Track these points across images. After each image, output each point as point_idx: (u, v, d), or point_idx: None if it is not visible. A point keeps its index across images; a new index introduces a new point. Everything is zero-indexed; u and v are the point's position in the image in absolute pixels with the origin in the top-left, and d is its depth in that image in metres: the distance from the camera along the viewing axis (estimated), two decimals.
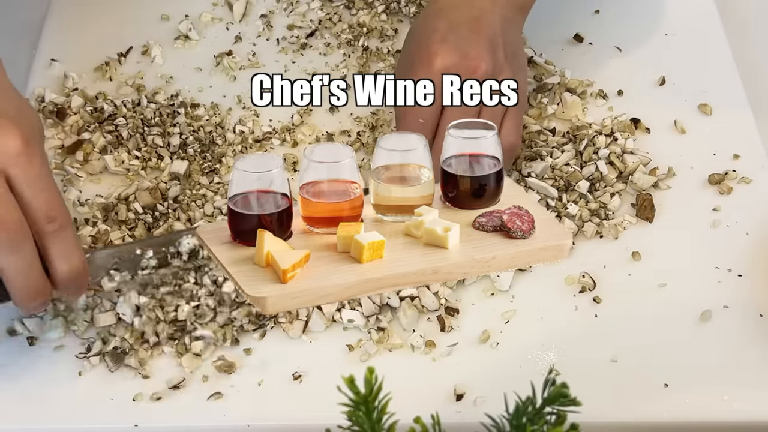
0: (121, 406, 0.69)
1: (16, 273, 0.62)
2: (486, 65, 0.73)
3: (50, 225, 0.63)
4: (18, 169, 0.62)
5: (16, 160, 0.62)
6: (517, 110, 0.76)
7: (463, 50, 0.74)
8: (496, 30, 0.77)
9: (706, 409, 0.69)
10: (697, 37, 0.94)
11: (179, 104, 0.88)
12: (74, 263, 0.65)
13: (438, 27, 0.76)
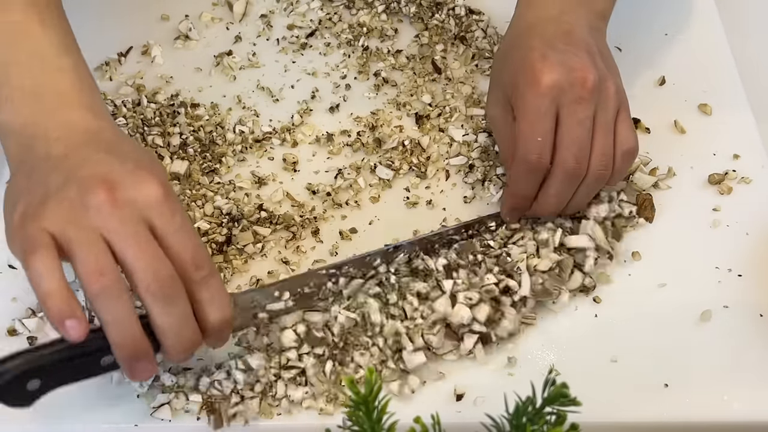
0: (121, 406, 0.69)
1: (170, 326, 0.61)
2: (593, 75, 0.71)
3: (198, 273, 0.62)
4: (162, 219, 0.61)
5: (159, 210, 0.61)
6: (626, 113, 0.75)
7: (567, 64, 0.72)
8: (588, 41, 0.75)
9: (706, 409, 0.69)
10: (697, 37, 0.94)
11: (179, 104, 0.88)
12: (224, 310, 0.63)
13: (534, 45, 0.74)
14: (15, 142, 0.66)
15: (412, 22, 0.96)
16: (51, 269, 0.59)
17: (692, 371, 0.71)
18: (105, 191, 0.60)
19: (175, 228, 0.61)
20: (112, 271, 0.59)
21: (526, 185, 0.74)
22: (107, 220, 0.60)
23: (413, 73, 0.91)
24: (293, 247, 0.78)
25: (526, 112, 0.72)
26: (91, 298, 0.59)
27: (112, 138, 0.66)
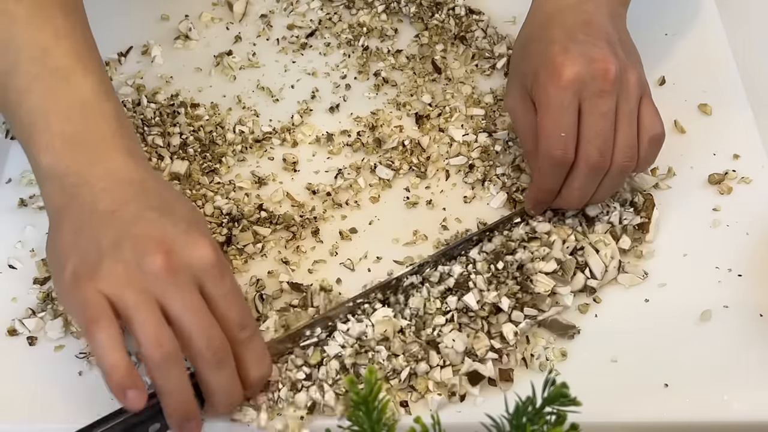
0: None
1: (219, 387, 0.63)
2: (614, 65, 0.71)
3: (243, 333, 0.64)
4: (213, 282, 0.62)
5: (211, 273, 0.62)
6: (649, 100, 0.75)
7: (588, 56, 0.72)
8: (608, 29, 0.75)
9: (706, 409, 0.69)
10: (697, 37, 0.94)
11: (179, 104, 0.88)
12: (265, 368, 0.66)
13: (554, 37, 0.74)
14: (57, 188, 0.65)
15: (412, 22, 0.96)
16: (114, 341, 0.60)
17: (692, 371, 0.71)
18: (162, 255, 0.61)
19: (224, 291, 0.63)
20: (171, 340, 0.61)
21: (550, 180, 0.74)
22: (165, 285, 0.61)
23: (413, 73, 0.91)
24: (293, 247, 0.78)
25: (548, 107, 0.72)
26: (151, 367, 0.60)
27: (157, 189, 0.66)
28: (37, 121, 0.66)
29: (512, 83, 0.78)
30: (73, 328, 0.72)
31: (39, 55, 0.68)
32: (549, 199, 0.75)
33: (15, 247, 0.78)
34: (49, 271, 0.74)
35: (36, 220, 0.79)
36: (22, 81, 0.67)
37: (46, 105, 0.67)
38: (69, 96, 0.67)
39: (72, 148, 0.66)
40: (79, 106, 0.67)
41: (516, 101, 0.77)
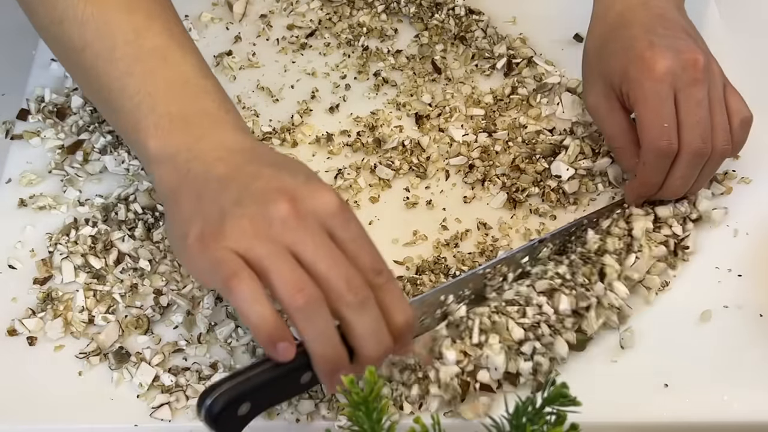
0: (121, 406, 0.69)
1: (367, 332, 0.60)
2: (701, 56, 0.74)
3: (379, 278, 0.61)
4: (341, 228, 0.61)
5: (337, 218, 0.61)
6: (731, 86, 0.77)
7: (674, 48, 0.74)
8: (682, 22, 0.77)
9: (706, 409, 0.69)
10: None
11: None
12: (407, 312, 0.63)
13: (635, 34, 0.75)
14: (170, 168, 0.65)
15: (412, 22, 0.96)
16: (257, 293, 0.58)
17: (692, 371, 0.71)
18: (286, 202, 0.60)
19: (353, 235, 0.62)
20: (311, 284, 0.59)
21: (655, 171, 0.75)
22: (294, 232, 0.60)
23: (413, 73, 0.91)
24: None
25: (646, 100, 0.73)
26: (293, 313, 0.59)
27: (269, 153, 0.66)
28: (141, 104, 0.66)
29: (592, 84, 0.80)
30: (73, 328, 0.72)
31: (133, 37, 0.68)
32: (652, 191, 0.77)
33: (15, 247, 0.78)
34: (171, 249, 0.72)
35: (36, 220, 0.79)
36: (121, 65, 0.67)
37: (148, 87, 0.67)
38: (170, 75, 0.68)
39: (180, 127, 0.66)
40: (181, 84, 0.67)
41: (599, 100, 0.78)
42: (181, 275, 0.76)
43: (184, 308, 0.74)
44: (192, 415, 0.68)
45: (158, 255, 0.77)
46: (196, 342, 0.72)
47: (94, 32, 0.68)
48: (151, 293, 0.75)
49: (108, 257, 0.76)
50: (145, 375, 0.70)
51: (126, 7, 0.69)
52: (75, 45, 0.69)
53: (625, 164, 0.79)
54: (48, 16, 0.70)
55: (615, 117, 0.77)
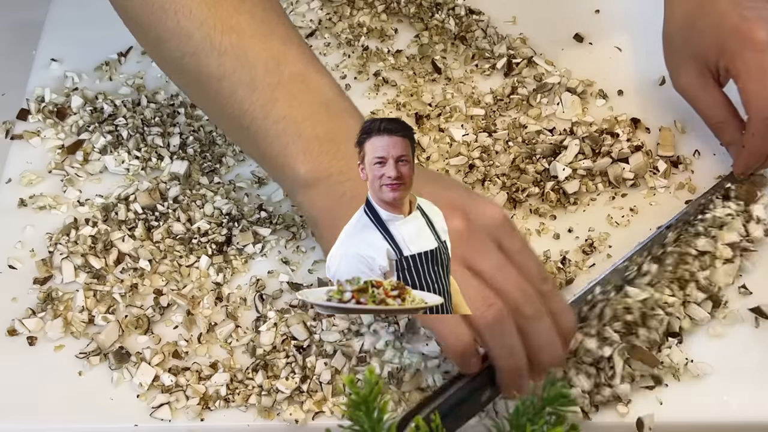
0: (121, 406, 0.69)
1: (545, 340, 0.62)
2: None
3: (545, 285, 0.63)
4: (509, 239, 0.63)
5: (505, 230, 0.63)
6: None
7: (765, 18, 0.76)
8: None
9: (706, 409, 0.69)
10: None
11: (179, 104, 0.88)
12: (571, 318, 0.65)
13: (724, 10, 0.77)
14: (321, 191, 0.66)
15: (412, 22, 0.96)
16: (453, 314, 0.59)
17: (692, 371, 0.71)
18: (460, 219, 0.62)
19: (520, 246, 0.64)
20: (497, 300, 0.60)
21: (766, 140, 0.76)
22: (470, 248, 0.61)
23: (413, 73, 0.91)
24: (293, 247, 0.78)
25: (750, 72, 0.75)
26: (484, 328, 0.60)
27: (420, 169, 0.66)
28: (287, 130, 0.67)
29: (682, 65, 0.81)
30: (73, 328, 0.72)
31: (274, 64, 0.69)
32: (760, 161, 0.78)
33: (15, 247, 0.78)
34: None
35: (36, 220, 0.79)
36: (263, 93, 0.68)
37: (293, 112, 0.67)
38: (312, 99, 0.68)
39: (329, 149, 0.66)
40: (324, 106, 0.68)
41: (692, 79, 0.80)
42: (181, 275, 0.76)
43: (184, 308, 0.74)
44: (192, 415, 0.68)
45: (158, 255, 0.77)
46: (196, 342, 0.72)
47: (234, 61, 0.68)
48: (151, 293, 0.75)
49: (108, 257, 0.76)
50: (145, 375, 0.70)
51: (262, 35, 0.69)
52: (212, 74, 0.69)
53: (727, 138, 0.81)
54: (180, 48, 0.70)
55: (711, 93, 0.80)
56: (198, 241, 0.77)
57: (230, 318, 0.73)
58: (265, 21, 0.70)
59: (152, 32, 0.71)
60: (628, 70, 0.93)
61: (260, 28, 0.70)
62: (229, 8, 0.69)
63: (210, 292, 0.75)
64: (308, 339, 0.71)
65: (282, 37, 0.70)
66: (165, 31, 0.70)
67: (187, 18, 0.69)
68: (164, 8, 0.70)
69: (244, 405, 0.69)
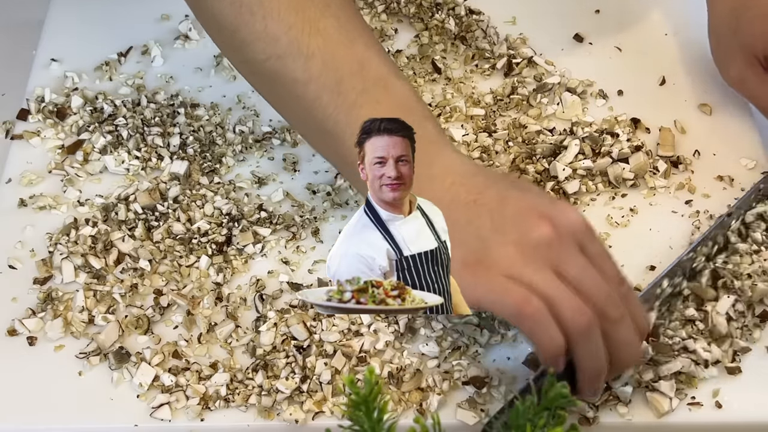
0: (121, 406, 0.69)
1: (627, 341, 0.64)
2: None
3: (622, 288, 0.65)
4: (591, 243, 0.65)
5: (587, 234, 0.65)
6: None
7: None
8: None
9: (706, 409, 0.69)
10: (697, 37, 0.94)
11: (179, 104, 0.88)
12: (646, 320, 0.67)
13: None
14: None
15: (411, 22, 0.96)
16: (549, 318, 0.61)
17: (692, 371, 0.71)
18: (547, 226, 0.63)
19: (600, 250, 0.65)
20: (587, 308, 0.62)
21: None
22: (558, 254, 0.63)
23: (413, 73, 0.91)
24: (293, 247, 0.78)
25: None
26: (576, 335, 0.61)
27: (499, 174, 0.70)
28: None
29: (732, 58, 0.83)
30: (73, 328, 0.72)
31: (358, 68, 0.69)
32: None
33: (15, 247, 0.78)
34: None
35: (36, 220, 0.80)
36: (348, 97, 0.69)
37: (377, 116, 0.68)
38: (394, 104, 0.69)
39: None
40: (406, 112, 0.68)
41: (741, 70, 0.83)
42: (181, 275, 0.76)
43: (184, 308, 0.74)
44: (192, 415, 0.68)
45: (158, 255, 0.77)
46: (196, 342, 0.72)
47: (321, 65, 0.69)
48: (151, 293, 0.75)
49: (108, 257, 0.76)
50: (145, 375, 0.70)
51: (348, 39, 0.70)
52: (298, 78, 0.70)
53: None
54: (266, 51, 0.70)
55: (763, 81, 0.82)
56: (198, 241, 0.77)
57: (230, 318, 0.73)
58: (350, 25, 0.71)
59: (238, 34, 0.71)
60: (628, 70, 0.93)
61: (345, 32, 0.70)
62: (315, 12, 0.70)
63: (210, 292, 0.75)
64: (308, 339, 0.71)
65: (366, 41, 0.71)
66: (250, 34, 0.70)
67: (276, 21, 0.69)
68: (252, 11, 0.70)
69: (244, 405, 0.69)
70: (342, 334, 0.72)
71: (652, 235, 0.79)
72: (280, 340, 0.72)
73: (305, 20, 0.69)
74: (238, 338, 0.72)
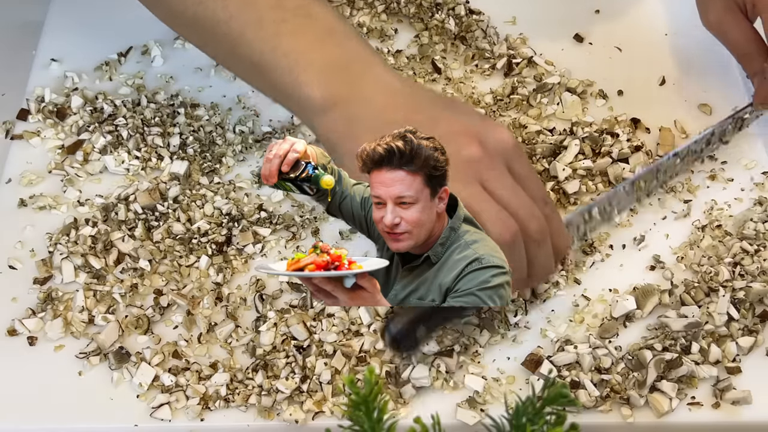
0: (121, 406, 0.69)
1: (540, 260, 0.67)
2: None
3: (546, 207, 0.68)
4: (518, 162, 0.67)
5: (515, 153, 0.68)
6: None
7: None
8: None
9: (706, 409, 0.69)
10: (697, 37, 0.94)
11: (179, 104, 0.88)
12: (567, 239, 0.70)
13: None
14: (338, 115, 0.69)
15: (411, 22, 0.96)
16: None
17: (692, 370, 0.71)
18: (477, 145, 0.66)
19: (527, 170, 0.68)
20: (513, 222, 0.64)
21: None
22: (487, 172, 0.65)
23: (413, 73, 0.91)
24: (293, 247, 0.78)
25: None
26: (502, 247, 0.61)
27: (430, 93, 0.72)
28: (298, 61, 0.70)
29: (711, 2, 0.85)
30: (73, 328, 0.72)
31: (276, 1, 0.73)
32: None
33: (15, 247, 0.78)
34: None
35: (36, 220, 0.80)
36: (270, 29, 0.72)
37: (300, 44, 0.71)
38: (316, 28, 0.72)
39: (339, 74, 0.70)
40: (329, 34, 0.72)
41: (720, 14, 0.85)
42: (180, 275, 0.76)
43: (184, 308, 0.74)
44: (192, 415, 0.68)
45: (158, 255, 0.77)
46: (196, 342, 0.72)
47: (238, 3, 0.73)
48: (151, 293, 0.75)
49: (108, 257, 0.76)
50: (145, 375, 0.70)
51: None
52: (219, 19, 0.74)
53: (752, 69, 0.84)
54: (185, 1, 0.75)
55: (740, 26, 0.83)
56: (198, 241, 0.78)
57: (230, 318, 0.73)
58: None
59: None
60: (628, 70, 0.93)
61: None
62: None
63: (210, 292, 0.75)
64: (308, 339, 0.71)
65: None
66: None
67: None
68: None
69: (244, 405, 0.69)
70: (342, 334, 0.72)
71: (652, 234, 0.79)
72: (280, 340, 0.72)
73: None
74: (238, 338, 0.72)
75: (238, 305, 0.74)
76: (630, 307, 0.73)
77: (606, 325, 0.73)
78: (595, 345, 0.71)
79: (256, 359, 0.71)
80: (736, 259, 0.76)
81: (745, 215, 0.79)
